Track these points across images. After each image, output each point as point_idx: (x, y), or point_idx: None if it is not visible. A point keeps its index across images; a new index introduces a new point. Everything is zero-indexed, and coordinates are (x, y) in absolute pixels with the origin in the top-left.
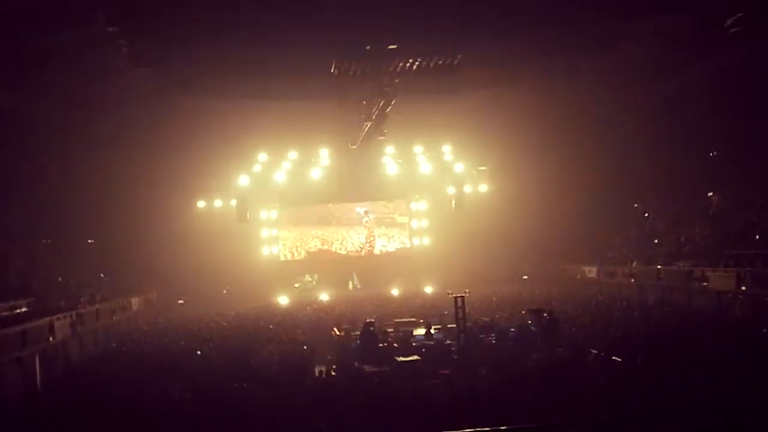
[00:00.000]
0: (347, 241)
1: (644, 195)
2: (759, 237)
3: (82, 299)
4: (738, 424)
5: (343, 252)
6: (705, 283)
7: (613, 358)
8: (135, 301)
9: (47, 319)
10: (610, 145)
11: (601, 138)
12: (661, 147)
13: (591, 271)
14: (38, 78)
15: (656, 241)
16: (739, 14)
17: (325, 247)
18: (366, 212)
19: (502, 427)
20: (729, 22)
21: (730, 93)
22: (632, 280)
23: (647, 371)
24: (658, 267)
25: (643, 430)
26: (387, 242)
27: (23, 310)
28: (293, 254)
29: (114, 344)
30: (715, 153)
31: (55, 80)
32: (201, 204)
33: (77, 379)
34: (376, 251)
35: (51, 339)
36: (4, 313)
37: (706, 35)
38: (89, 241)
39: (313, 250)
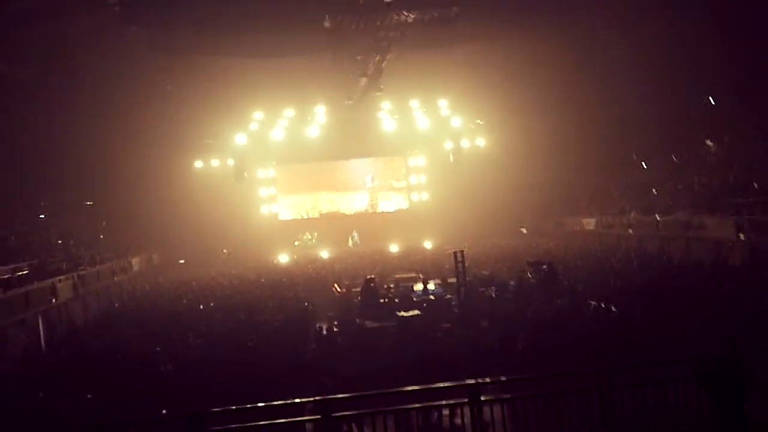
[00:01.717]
0: (353, 203)
1: (641, 145)
2: (757, 185)
3: (82, 261)
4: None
5: (350, 213)
6: (704, 232)
7: (612, 308)
8: (135, 262)
9: (49, 281)
10: (606, 95)
11: (598, 88)
12: (657, 95)
13: (589, 223)
14: (31, 40)
15: (654, 191)
16: None
17: (333, 209)
18: (372, 178)
19: (502, 378)
20: None
21: (727, 37)
22: (630, 230)
23: (646, 320)
24: (657, 217)
25: (641, 377)
26: (387, 203)
27: (25, 272)
28: (305, 215)
29: (116, 304)
30: (711, 100)
31: (45, 39)
32: (198, 164)
33: (81, 340)
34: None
35: (54, 301)
36: (6, 276)
37: None
38: (87, 202)
39: (324, 211)
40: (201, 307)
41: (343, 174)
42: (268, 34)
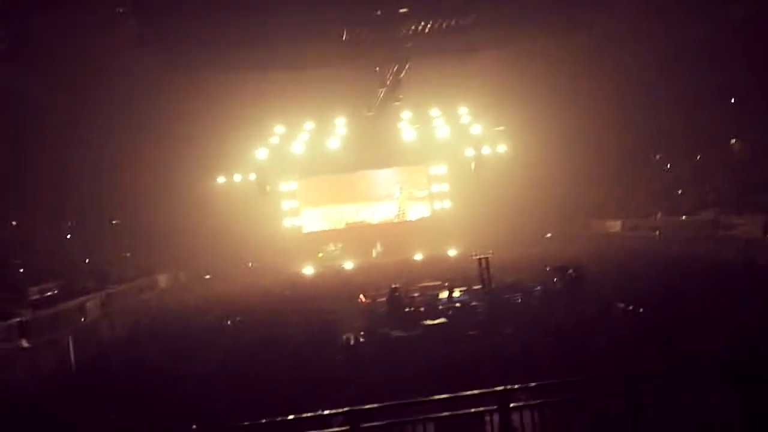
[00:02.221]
0: (377, 213)
1: (665, 146)
2: None
3: (109, 279)
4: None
5: (376, 222)
6: (731, 231)
7: (640, 310)
8: (162, 279)
9: (79, 300)
10: (628, 97)
11: (619, 91)
12: (680, 96)
13: (614, 226)
14: (57, 60)
15: (680, 191)
16: None
17: (359, 219)
18: (401, 188)
19: (530, 384)
20: None
21: (750, 38)
22: (657, 232)
23: (674, 322)
24: (683, 217)
25: (670, 380)
26: (412, 212)
27: (54, 292)
28: (331, 226)
29: (142, 322)
30: (735, 100)
31: (69, 60)
32: (221, 180)
33: (110, 358)
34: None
35: (83, 320)
36: (35, 296)
37: None
38: (113, 221)
39: (350, 221)
40: (228, 322)
41: (367, 184)
42: (286, 49)
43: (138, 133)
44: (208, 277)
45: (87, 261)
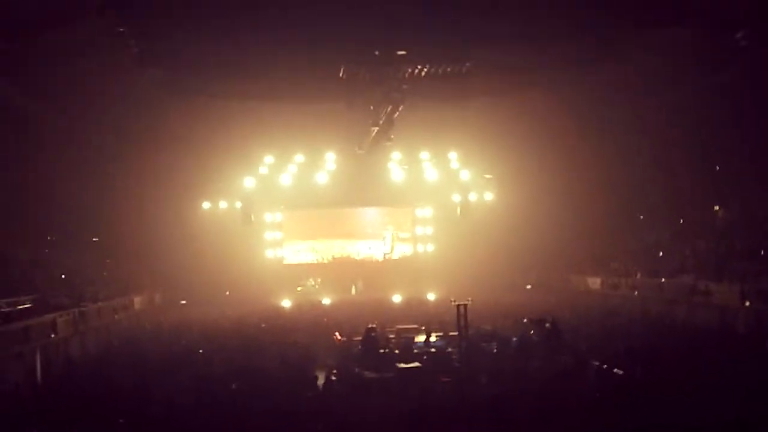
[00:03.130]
0: (361, 251)
1: (650, 207)
2: (764, 252)
3: (84, 297)
4: None
5: (359, 259)
6: (709, 298)
7: (615, 370)
8: (138, 301)
9: (50, 316)
10: (616, 156)
11: (609, 149)
12: (667, 159)
13: (594, 283)
14: (46, 74)
15: (661, 254)
16: (749, 27)
17: (346, 253)
18: (393, 230)
19: None
20: (739, 34)
21: (738, 106)
22: (636, 292)
23: (649, 385)
24: (662, 280)
25: None
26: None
27: (26, 306)
28: (316, 259)
29: (115, 343)
30: (719, 167)
31: (63, 77)
32: (206, 205)
33: (78, 377)
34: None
35: (53, 335)
36: (6, 309)
37: (716, 47)
38: (94, 239)
39: (337, 255)
40: (201, 351)
41: (353, 222)
42: (283, 81)
43: (128, 152)
44: (184, 302)
45: (63, 277)
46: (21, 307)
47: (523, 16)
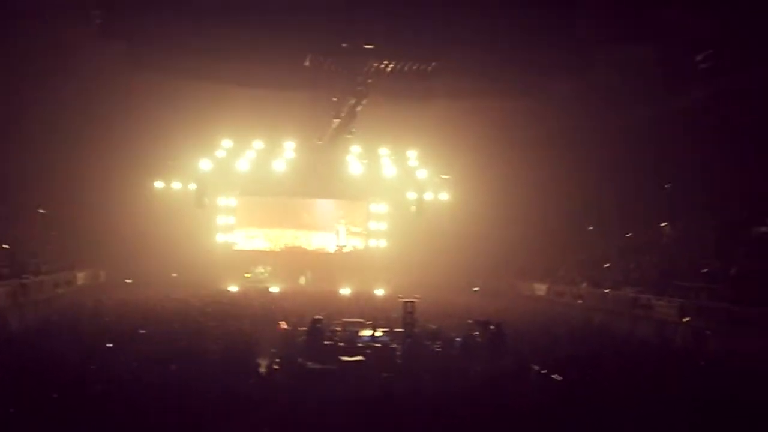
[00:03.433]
0: (313, 242)
1: (599, 219)
2: (706, 271)
3: (26, 269)
4: None
5: (311, 249)
6: (649, 311)
7: (554, 376)
8: (81, 276)
9: None
10: (571, 167)
11: (564, 160)
12: (620, 174)
13: (540, 289)
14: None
15: (607, 265)
16: (710, 51)
17: (297, 244)
18: (345, 221)
19: None
20: (699, 57)
21: (692, 127)
22: (580, 301)
23: (585, 392)
24: (606, 291)
25: None
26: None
27: None
28: (268, 246)
29: (55, 318)
30: (669, 185)
31: (16, 41)
32: (159, 184)
33: (13, 349)
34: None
35: None
36: None
37: (674, 69)
38: (40, 210)
39: (290, 244)
40: (142, 331)
41: (307, 212)
42: (248, 65)
43: (81, 124)
44: (129, 281)
45: (6, 247)
46: None
47: (491, 23)
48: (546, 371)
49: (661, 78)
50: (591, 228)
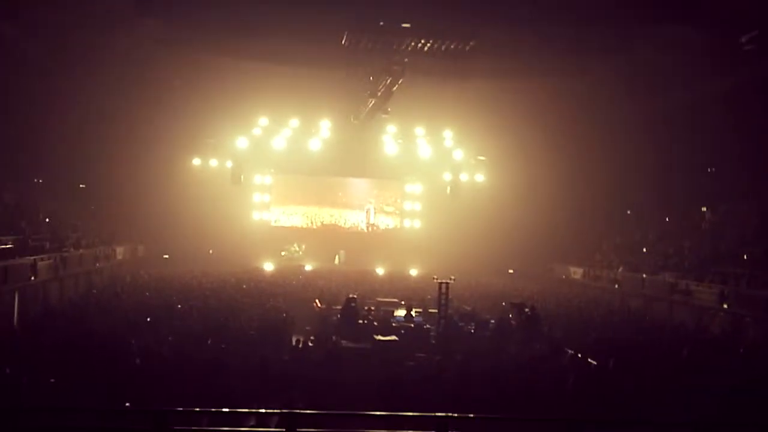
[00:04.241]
0: (348, 221)
1: (639, 203)
2: (747, 257)
3: (67, 242)
4: None
5: (347, 227)
6: (688, 297)
7: (589, 360)
8: (120, 251)
9: (30, 258)
10: (611, 150)
11: (603, 142)
12: (661, 157)
13: (576, 273)
14: (44, 15)
15: (645, 250)
16: (755, 32)
17: (333, 221)
18: (375, 200)
19: (469, 415)
20: (744, 39)
21: (735, 110)
22: (616, 285)
23: (621, 377)
24: (643, 276)
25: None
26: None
27: (8, 246)
28: (305, 224)
29: (94, 291)
30: (713, 169)
31: (57, 19)
32: (196, 161)
33: (55, 322)
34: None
35: (32, 278)
36: None
37: (719, 50)
38: (81, 185)
39: (326, 222)
40: (179, 306)
41: (342, 191)
42: (285, 43)
43: (121, 102)
44: (166, 256)
45: (47, 220)
46: (2, 247)
47: (530, 1)
48: (580, 355)
49: (703, 59)
50: (629, 212)
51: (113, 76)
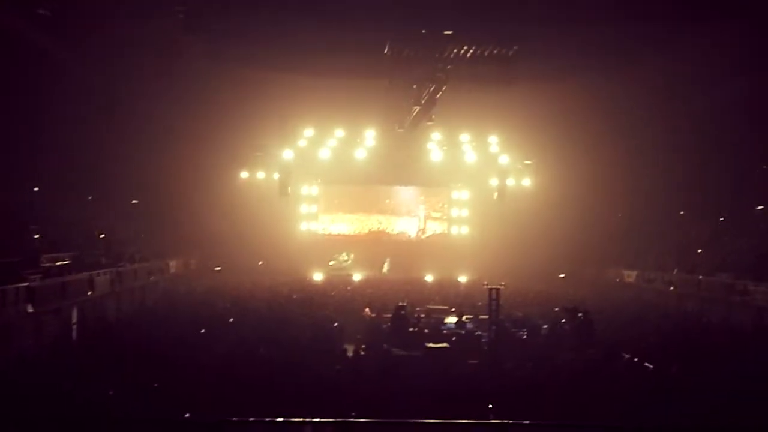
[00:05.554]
0: (396, 229)
1: (691, 203)
2: None
3: (122, 257)
4: None
5: (395, 234)
6: (746, 297)
7: (645, 364)
8: (173, 264)
9: (87, 273)
10: (660, 150)
11: (653, 143)
12: (713, 156)
13: (630, 276)
14: (92, 34)
15: (699, 250)
16: None
17: (382, 227)
18: (424, 208)
19: (526, 422)
20: None
21: None
22: (671, 288)
23: (679, 382)
24: (699, 277)
25: None
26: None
27: (66, 262)
28: (353, 231)
29: (150, 304)
30: (766, 166)
31: (109, 39)
32: (244, 174)
33: (112, 335)
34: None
35: (90, 293)
36: (47, 264)
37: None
38: (133, 201)
39: (374, 229)
40: (231, 320)
41: (389, 199)
42: (328, 54)
43: (171, 118)
44: (218, 269)
45: (102, 236)
46: (60, 263)
47: (572, 3)
48: (636, 359)
49: (752, 54)
50: (682, 212)
51: (163, 93)
